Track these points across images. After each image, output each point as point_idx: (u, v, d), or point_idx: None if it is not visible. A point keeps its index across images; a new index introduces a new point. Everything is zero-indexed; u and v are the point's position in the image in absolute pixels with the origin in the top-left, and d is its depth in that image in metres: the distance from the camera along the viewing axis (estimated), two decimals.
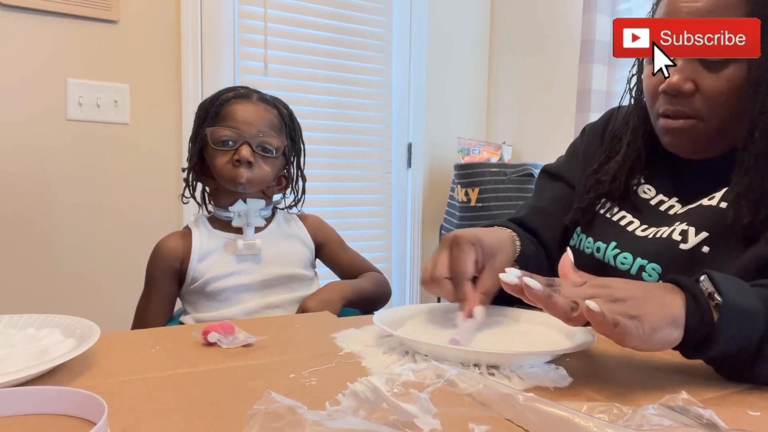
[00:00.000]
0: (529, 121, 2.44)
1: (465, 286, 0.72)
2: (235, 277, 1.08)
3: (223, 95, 1.12)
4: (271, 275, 1.11)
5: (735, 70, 0.72)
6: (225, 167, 1.07)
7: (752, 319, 0.54)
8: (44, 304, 1.77)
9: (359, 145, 2.38)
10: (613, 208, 0.87)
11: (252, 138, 1.07)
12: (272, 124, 1.12)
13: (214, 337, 0.67)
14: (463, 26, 2.57)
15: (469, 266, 0.72)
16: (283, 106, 1.17)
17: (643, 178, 0.86)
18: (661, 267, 0.76)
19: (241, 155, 1.05)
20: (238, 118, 1.08)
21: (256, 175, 1.08)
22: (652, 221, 0.82)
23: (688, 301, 0.55)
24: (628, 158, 0.86)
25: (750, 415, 0.50)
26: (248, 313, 1.07)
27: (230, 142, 1.07)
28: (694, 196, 0.80)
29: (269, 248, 1.12)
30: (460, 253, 0.72)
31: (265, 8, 2.09)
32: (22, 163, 1.74)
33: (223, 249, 1.10)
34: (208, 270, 1.08)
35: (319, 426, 0.37)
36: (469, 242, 0.73)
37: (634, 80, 0.88)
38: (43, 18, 1.74)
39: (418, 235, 2.51)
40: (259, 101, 1.13)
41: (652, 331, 0.53)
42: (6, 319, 0.68)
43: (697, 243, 0.75)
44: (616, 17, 1.99)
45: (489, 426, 0.43)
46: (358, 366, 0.61)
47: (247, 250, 1.09)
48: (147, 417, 0.47)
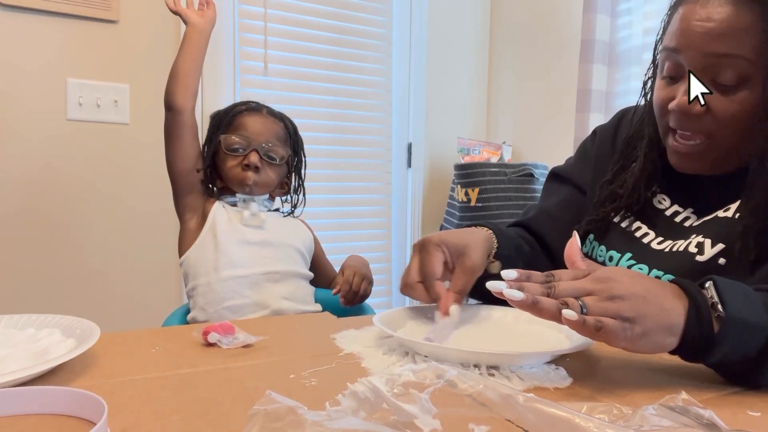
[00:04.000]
0: (529, 121, 2.44)
1: (436, 286, 0.73)
2: (240, 233, 1.19)
3: (236, 108, 1.26)
4: (274, 239, 1.21)
5: (747, 95, 0.71)
6: (234, 170, 1.20)
7: (754, 331, 0.53)
8: (44, 304, 1.77)
9: (359, 145, 2.38)
10: (629, 218, 0.85)
11: (260, 146, 1.20)
12: (279, 135, 1.26)
13: (214, 337, 0.67)
14: (463, 26, 2.57)
15: (436, 268, 0.73)
16: (289, 122, 1.31)
17: (658, 188, 0.85)
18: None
19: (249, 160, 1.19)
20: (249, 128, 1.22)
21: (262, 178, 1.21)
22: (669, 234, 0.81)
23: (689, 311, 0.54)
24: (645, 170, 0.84)
25: (750, 415, 0.50)
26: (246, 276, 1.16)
27: (240, 149, 1.21)
28: (710, 208, 0.78)
29: (272, 223, 1.24)
30: (427, 257, 0.74)
31: (265, 8, 2.09)
32: (22, 163, 1.74)
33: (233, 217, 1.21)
34: (221, 222, 1.18)
35: (319, 426, 0.37)
36: (436, 245, 0.74)
37: (649, 84, 0.86)
38: (43, 18, 1.74)
39: (418, 235, 2.50)
40: (268, 115, 1.27)
41: (642, 335, 0.53)
42: (6, 319, 0.68)
43: (713, 255, 0.74)
44: (616, 17, 1.99)
45: (489, 426, 0.43)
46: (358, 366, 0.61)
47: (252, 221, 1.20)
48: (147, 417, 0.47)
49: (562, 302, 0.54)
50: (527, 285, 0.56)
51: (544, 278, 0.58)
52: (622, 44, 1.98)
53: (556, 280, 0.58)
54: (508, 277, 0.57)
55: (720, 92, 0.72)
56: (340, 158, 2.33)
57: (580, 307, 0.54)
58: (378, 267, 2.45)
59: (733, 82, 0.71)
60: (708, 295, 0.55)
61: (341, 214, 2.34)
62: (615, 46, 2.00)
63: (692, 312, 0.54)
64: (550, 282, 0.57)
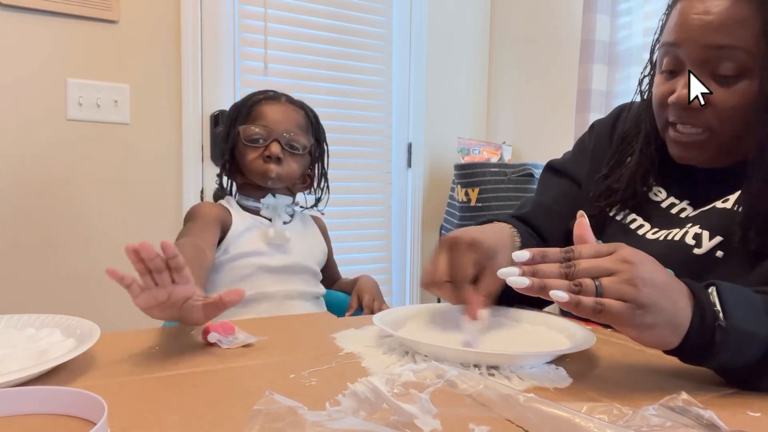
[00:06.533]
0: (529, 121, 2.43)
1: (466, 289, 0.71)
2: (263, 257, 1.13)
3: (254, 97, 1.19)
4: (294, 263, 1.16)
5: (747, 86, 0.71)
6: (255, 162, 1.14)
7: (755, 340, 0.53)
8: (44, 304, 1.77)
9: (359, 145, 2.38)
10: (624, 212, 0.86)
11: (281, 136, 1.14)
12: (300, 124, 1.19)
13: (214, 337, 0.67)
14: (463, 26, 2.57)
15: (468, 269, 0.71)
16: (309, 110, 1.24)
17: (654, 182, 0.85)
18: (673, 271, 0.76)
19: (271, 151, 1.13)
20: (269, 118, 1.15)
21: (285, 170, 1.15)
22: (663, 224, 0.81)
23: (694, 315, 0.53)
24: (641, 166, 0.85)
25: (750, 416, 0.50)
26: (265, 297, 1.11)
27: (261, 140, 1.14)
28: (707, 200, 0.78)
29: (296, 241, 1.18)
30: (459, 257, 0.71)
31: (265, 8, 2.09)
32: (22, 163, 1.74)
33: (257, 232, 1.15)
34: (241, 246, 1.12)
35: (319, 426, 0.37)
36: (468, 244, 0.71)
37: (645, 81, 0.86)
38: (43, 18, 1.73)
39: (418, 235, 2.50)
40: (288, 103, 1.20)
41: (651, 326, 0.51)
42: (6, 319, 0.68)
43: (711, 248, 0.73)
44: (616, 17, 1.99)
45: (489, 426, 0.43)
46: (358, 366, 0.61)
47: (277, 239, 1.14)
48: (147, 417, 0.47)
49: (576, 284, 0.51)
50: (541, 268, 0.53)
51: (563, 255, 0.54)
52: (622, 44, 1.99)
53: (576, 257, 0.54)
54: (520, 258, 0.54)
55: (719, 84, 0.72)
56: (340, 158, 2.33)
57: (595, 288, 0.51)
58: (378, 267, 2.45)
59: (732, 73, 0.71)
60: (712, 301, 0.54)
61: (341, 214, 2.34)
62: (615, 46, 2.00)
63: (696, 316, 0.53)
64: (569, 258, 0.54)
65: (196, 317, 0.68)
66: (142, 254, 0.61)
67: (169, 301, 0.64)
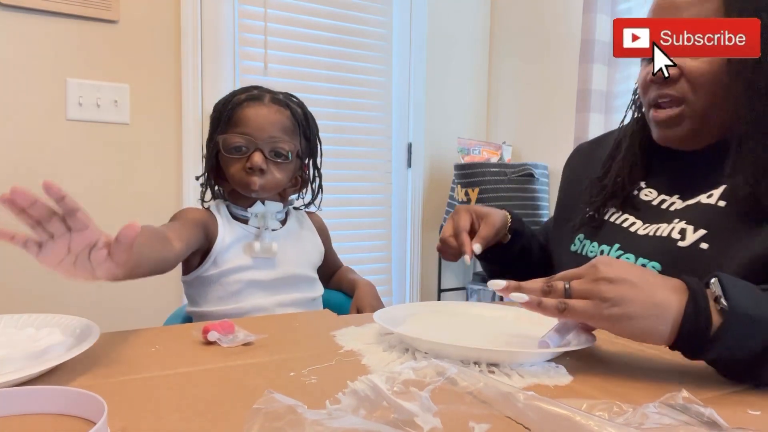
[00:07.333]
0: (529, 121, 2.43)
1: (463, 235, 0.90)
2: (250, 272, 1.08)
3: (235, 97, 1.10)
4: (285, 275, 1.11)
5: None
6: (238, 174, 1.06)
7: (759, 326, 0.53)
8: (44, 304, 1.77)
9: (359, 145, 2.38)
10: (617, 211, 0.89)
11: (264, 144, 1.06)
12: (285, 127, 1.10)
13: (214, 336, 0.67)
14: (463, 26, 2.57)
15: (465, 223, 0.92)
16: (297, 105, 1.15)
17: (644, 183, 0.89)
18: (661, 265, 0.77)
19: (253, 163, 1.04)
20: (251, 124, 1.06)
21: (269, 181, 1.07)
22: (651, 218, 0.84)
23: (687, 303, 0.55)
24: (627, 160, 0.90)
25: (750, 414, 0.50)
26: (259, 309, 1.08)
27: (243, 149, 1.06)
28: (694, 191, 0.81)
29: (284, 250, 1.12)
30: (458, 217, 0.93)
31: (265, 8, 2.09)
32: (22, 163, 1.74)
33: (242, 246, 1.10)
34: (228, 261, 1.08)
35: (319, 425, 0.37)
36: (465, 210, 0.94)
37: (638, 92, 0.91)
38: (43, 18, 1.73)
39: (418, 235, 2.50)
40: (272, 103, 1.11)
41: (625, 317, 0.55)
42: (6, 319, 0.68)
43: (695, 240, 0.76)
44: (616, 17, 1.99)
45: (489, 424, 0.43)
46: (358, 364, 0.61)
47: (263, 254, 1.08)
48: (147, 417, 0.47)
49: (549, 285, 0.61)
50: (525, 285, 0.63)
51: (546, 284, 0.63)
52: None
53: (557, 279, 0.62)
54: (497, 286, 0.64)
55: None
56: (340, 158, 2.33)
57: (564, 289, 0.60)
58: (378, 267, 2.45)
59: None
60: (712, 290, 0.55)
61: (341, 213, 2.34)
62: None
63: (690, 304, 0.55)
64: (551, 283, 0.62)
65: (107, 267, 0.58)
66: (18, 202, 0.52)
67: (71, 253, 0.55)
